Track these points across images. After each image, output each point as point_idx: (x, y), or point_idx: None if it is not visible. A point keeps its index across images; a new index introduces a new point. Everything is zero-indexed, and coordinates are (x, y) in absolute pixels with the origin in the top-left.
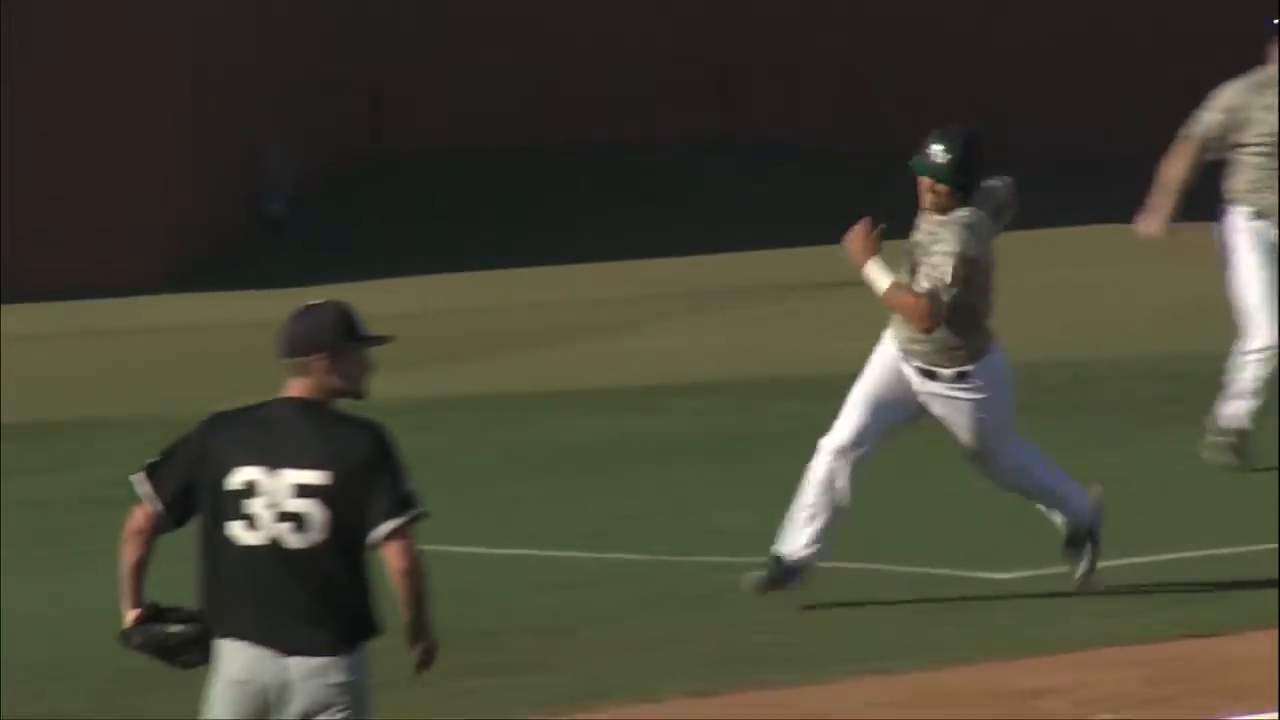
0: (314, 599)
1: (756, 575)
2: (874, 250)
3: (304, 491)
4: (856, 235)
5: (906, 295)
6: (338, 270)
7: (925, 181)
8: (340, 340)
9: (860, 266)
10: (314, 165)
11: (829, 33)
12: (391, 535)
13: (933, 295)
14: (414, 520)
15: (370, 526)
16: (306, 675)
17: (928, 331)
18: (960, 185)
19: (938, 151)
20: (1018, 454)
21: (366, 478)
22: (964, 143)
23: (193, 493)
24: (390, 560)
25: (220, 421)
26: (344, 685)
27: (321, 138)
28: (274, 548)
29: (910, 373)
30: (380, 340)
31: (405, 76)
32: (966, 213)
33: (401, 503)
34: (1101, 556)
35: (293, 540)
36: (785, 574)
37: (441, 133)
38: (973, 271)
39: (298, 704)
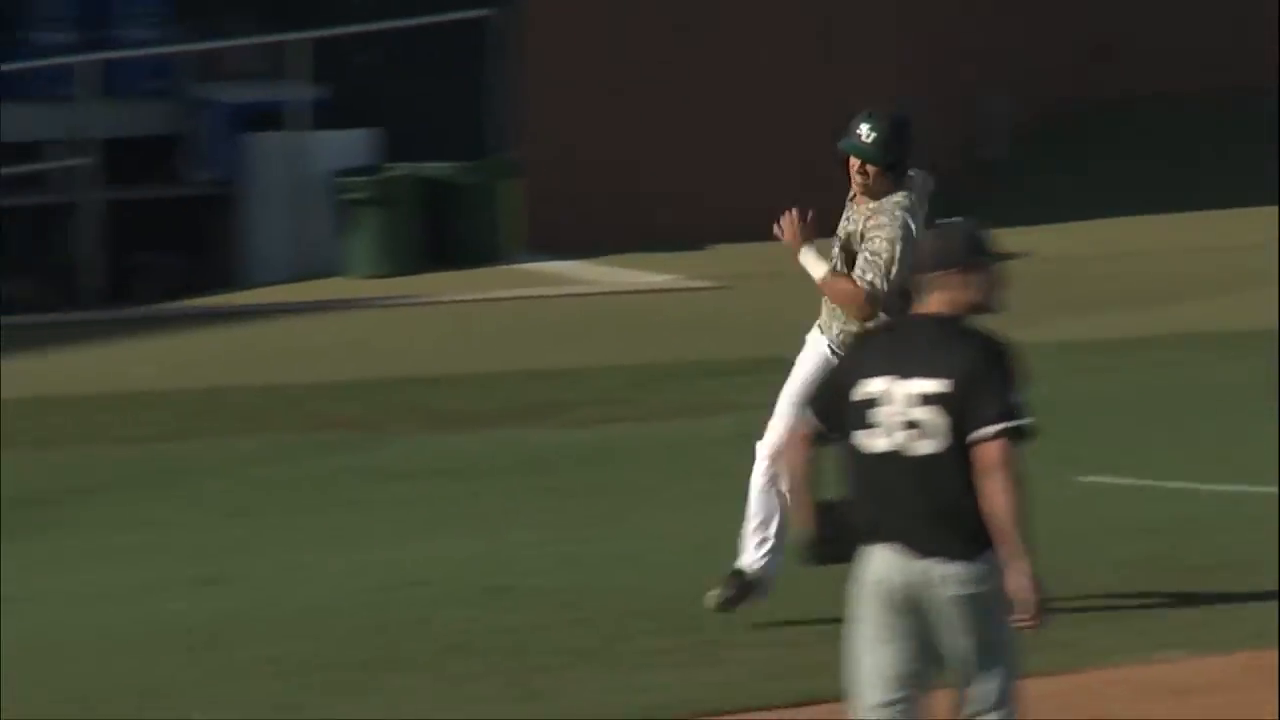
0: (937, 504)
1: (716, 594)
2: (808, 238)
3: (926, 400)
4: (788, 223)
5: (845, 283)
6: (1050, 212)
7: (854, 163)
8: (971, 256)
9: (795, 254)
10: (1034, 109)
11: None
12: (992, 438)
13: (872, 283)
14: (1017, 430)
15: (974, 428)
16: (942, 580)
17: (866, 320)
18: (889, 165)
19: (865, 130)
20: None
21: (978, 384)
22: (890, 122)
23: (844, 411)
24: (984, 459)
25: (860, 341)
26: (977, 594)
27: (1043, 83)
28: (898, 454)
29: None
30: (1008, 256)
31: (1132, 21)
32: (900, 197)
33: (1007, 411)
34: None
35: (915, 447)
36: (745, 588)
37: (1168, 76)
38: (911, 255)
39: (936, 609)
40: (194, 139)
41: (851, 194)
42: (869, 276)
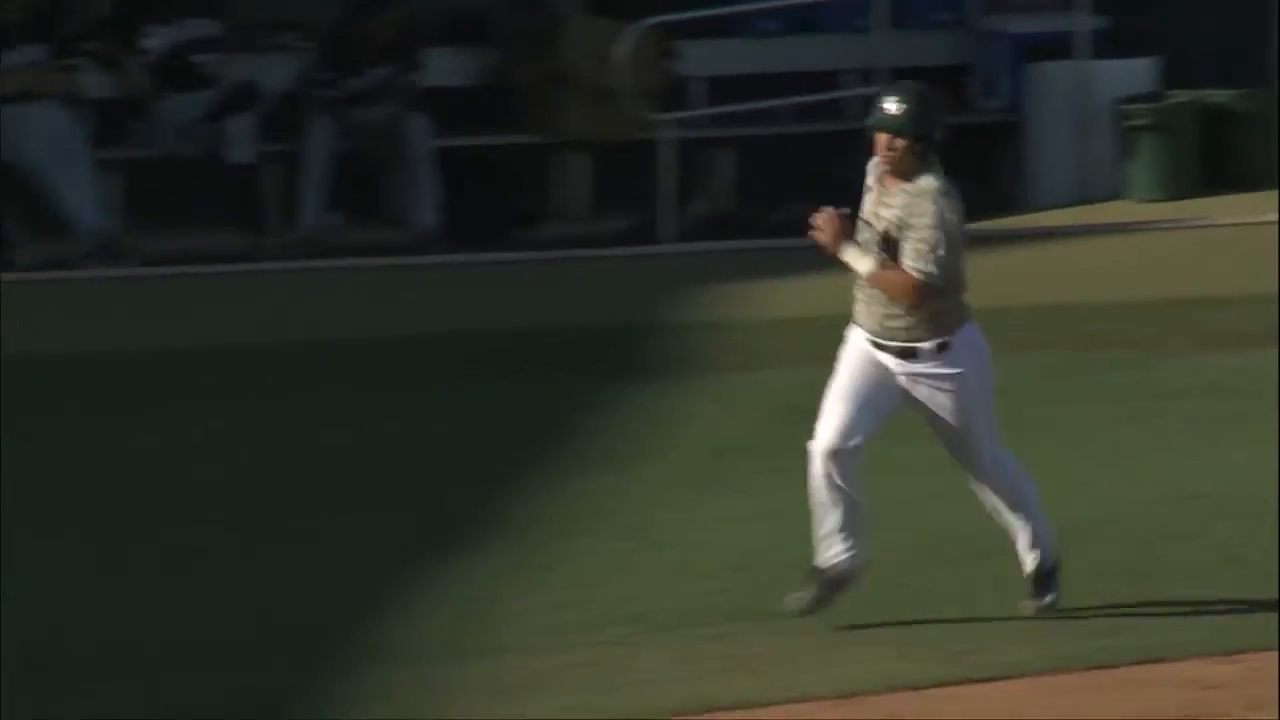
0: None
1: (797, 597)
2: (846, 235)
3: None
4: (826, 223)
5: (894, 274)
6: None
7: (883, 140)
8: None
9: (834, 253)
10: None
11: None
12: None
13: (926, 272)
14: None
15: None
16: None
17: (916, 307)
18: (920, 137)
19: (892, 104)
20: (996, 448)
21: None
22: (916, 94)
23: None
24: None
25: None
26: None
27: None
28: None
29: (888, 359)
30: None
31: None
32: (935, 180)
33: None
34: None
35: None
36: (829, 586)
37: None
38: (956, 239)
39: None
40: (982, 68)
41: (875, 176)
42: (921, 265)
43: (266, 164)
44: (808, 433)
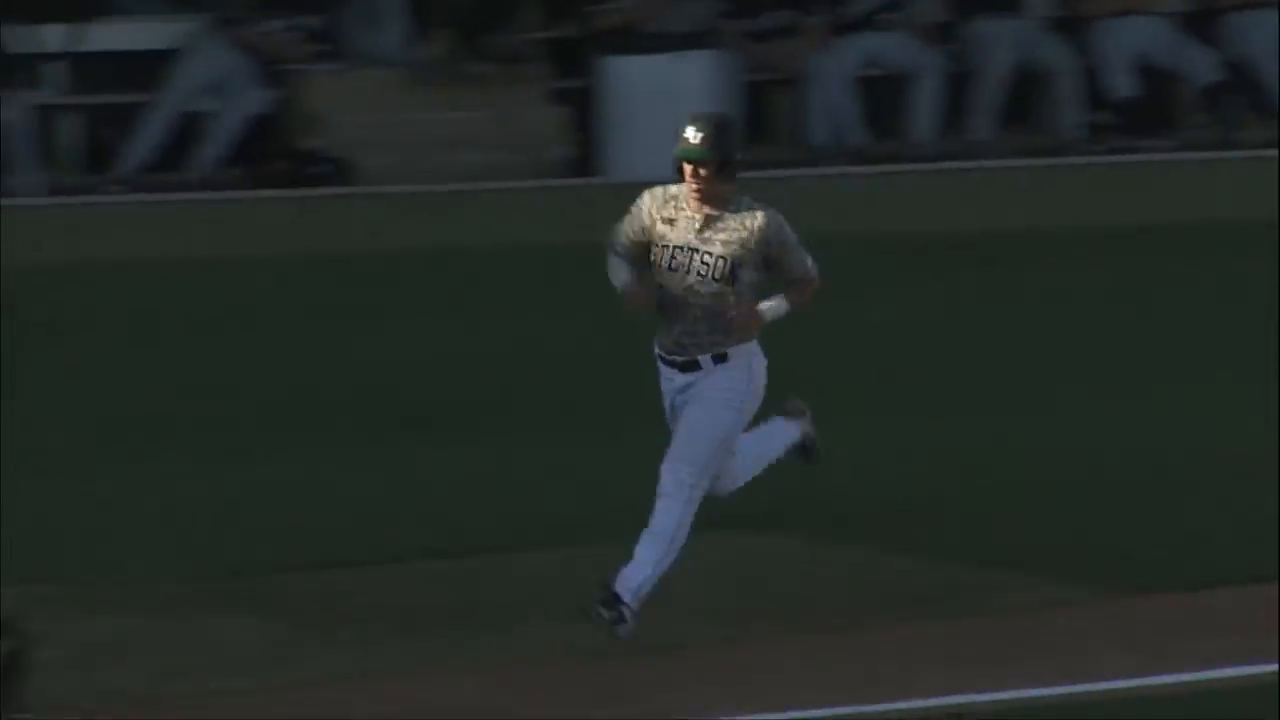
0: None
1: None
2: (755, 308)
3: None
4: (744, 318)
5: (797, 295)
6: None
7: (689, 170)
8: None
9: (760, 324)
10: None
11: None
12: None
13: (815, 272)
14: None
15: None
16: None
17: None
18: (724, 161)
19: (692, 134)
20: (706, 478)
21: None
22: (714, 122)
23: None
24: None
25: None
26: None
27: None
28: None
29: (673, 380)
30: None
31: None
32: (750, 197)
33: None
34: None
35: None
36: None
37: None
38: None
39: None
40: None
41: (680, 208)
42: (809, 263)
43: None
44: None
